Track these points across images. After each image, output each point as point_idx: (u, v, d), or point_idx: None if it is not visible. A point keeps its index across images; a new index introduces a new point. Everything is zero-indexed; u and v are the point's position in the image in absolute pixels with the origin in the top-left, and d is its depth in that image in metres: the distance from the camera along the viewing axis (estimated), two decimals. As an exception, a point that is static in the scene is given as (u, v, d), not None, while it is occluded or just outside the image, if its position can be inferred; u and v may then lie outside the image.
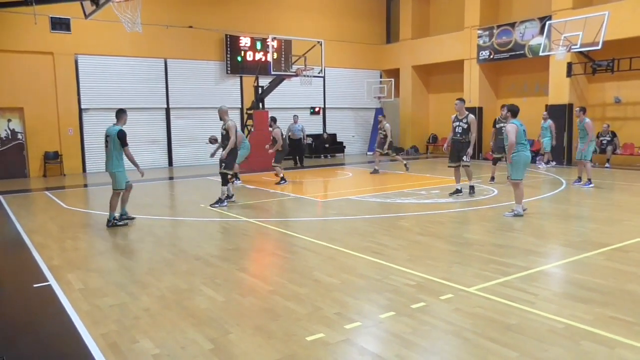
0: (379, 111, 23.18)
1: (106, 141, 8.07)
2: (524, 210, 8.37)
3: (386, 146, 14.57)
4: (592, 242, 6.55)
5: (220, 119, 10.10)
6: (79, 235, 7.65)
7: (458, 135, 10.19)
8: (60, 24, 15.50)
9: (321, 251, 6.35)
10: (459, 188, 10.47)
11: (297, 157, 17.62)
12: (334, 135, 22.21)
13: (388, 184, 12.75)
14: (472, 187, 10.53)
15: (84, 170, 16.90)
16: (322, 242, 6.80)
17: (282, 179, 12.70)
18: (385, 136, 14.53)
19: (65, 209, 9.91)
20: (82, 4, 11.25)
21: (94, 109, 16.89)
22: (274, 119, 13.28)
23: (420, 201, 9.93)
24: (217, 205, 9.62)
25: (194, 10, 18.30)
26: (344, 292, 4.80)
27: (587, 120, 11.49)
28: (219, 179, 14.48)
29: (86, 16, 11.47)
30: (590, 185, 11.43)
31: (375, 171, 14.77)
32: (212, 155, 10.67)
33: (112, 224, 8.04)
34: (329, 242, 6.75)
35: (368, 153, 22.88)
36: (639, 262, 5.62)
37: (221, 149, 9.99)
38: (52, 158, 16.12)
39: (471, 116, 10.12)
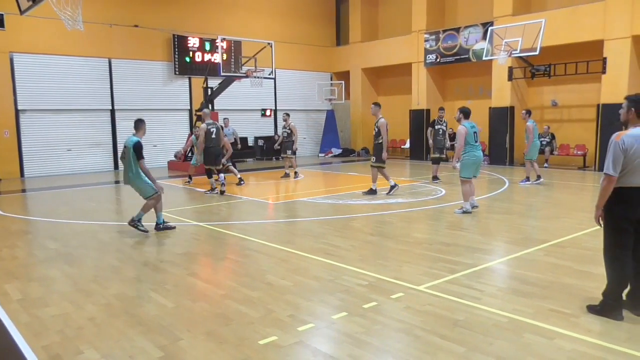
0: (331, 113, 23.37)
1: (123, 152, 7.69)
2: (473, 207, 8.69)
3: (295, 145, 14.29)
4: (532, 239, 6.86)
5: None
6: (18, 243, 7.27)
7: (374, 139, 10.80)
8: (-8, 19, 14.63)
9: (274, 254, 6.33)
10: (392, 184, 10.87)
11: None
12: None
13: (339, 186, 12.87)
14: (372, 190, 10.79)
15: (22, 174, 16.07)
16: (274, 244, 6.77)
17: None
18: (290, 134, 14.14)
19: (1, 216, 9.39)
20: (17, -1, 10.71)
21: (33, 110, 16.11)
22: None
23: (371, 202, 10.07)
24: (208, 193, 11.48)
25: (140, 9, 17.79)
26: (296, 294, 4.81)
27: (528, 123, 12.17)
28: (170, 182, 14.30)
29: (22, 12, 10.94)
30: (527, 182, 12.21)
31: (296, 174, 14.35)
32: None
33: (161, 227, 7.78)
34: (282, 245, 6.74)
35: (319, 155, 23.01)
36: (575, 257, 5.94)
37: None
38: (-14, 162, 15.24)
39: (381, 120, 10.56)
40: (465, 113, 8.78)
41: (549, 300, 4.51)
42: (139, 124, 7.72)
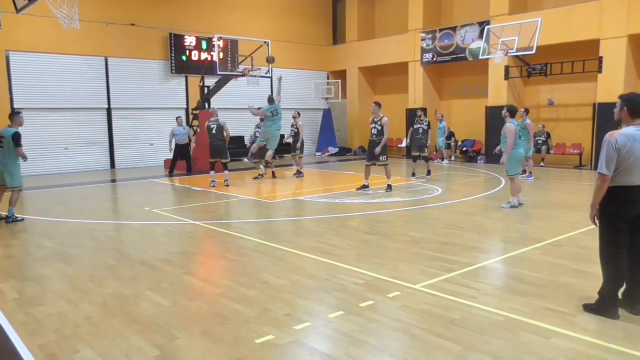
0: (327, 112, 23.36)
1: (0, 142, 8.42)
2: (520, 204, 9.02)
3: (298, 144, 14.35)
4: (529, 238, 6.87)
5: None
6: (13, 242, 7.24)
7: (374, 136, 10.83)
8: (-13, 18, 14.52)
9: (270, 252, 6.33)
10: (366, 184, 11.15)
11: (186, 164, 15.53)
12: (281, 136, 22.09)
13: (336, 184, 12.87)
14: (389, 186, 11.10)
15: (18, 173, 16.00)
16: (271, 243, 6.77)
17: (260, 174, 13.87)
18: (297, 134, 14.33)
19: (-3, 215, 9.34)
20: (13, -3, 10.68)
21: (29, 109, 16.01)
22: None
23: (368, 201, 10.07)
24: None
25: (136, 8, 17.73)
26: (293, 293, 4.81)
27: (528, 121, 12.69)
28: (166, 180, 14.32)
29: (18, 10, 10.91)
30: (531, 178, 12.85)
31: (299, 173, 14.29)
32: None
33: (12, 220, 8.42)
34: (278, 243, 6.73)
35: (316, 154, 23.01)
36: (571, 256, 5.95)
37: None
38: (-19, 160, 15.16)
39: (385, 119, 10.73)
40: (512, 112, 9.03)
41: (545, 299, 4.52)
42: (13, 117, 8.53)
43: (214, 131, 12.40)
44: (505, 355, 3.47)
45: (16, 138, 8.30)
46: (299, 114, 14.83)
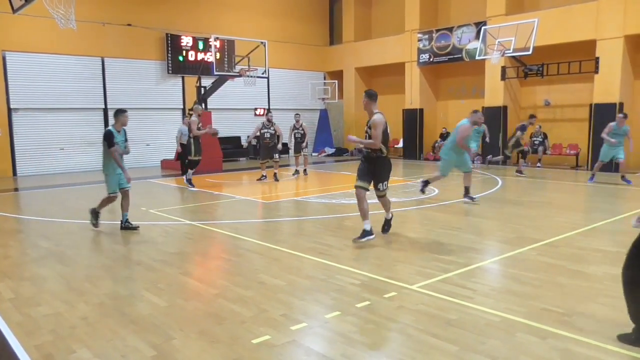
0: (324, 112, 23.38)
1: None
2: None
3: (304, 144, 14.53)
4: (525, 238, 6.89)
5: None
6: (10, 242, 7.22)
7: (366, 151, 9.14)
8: (-16, 18, 14.48)
9: (266, 253, 6.33)
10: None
11: (181, 165, 14.98)
12: (278, 137, 22.09)
13: (332, 185, 12.87)
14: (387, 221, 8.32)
15: (15, 173, 15.96)
16: (267, 243, 6.77)
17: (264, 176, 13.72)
18: (304, 134, 14.51)
19: (-7, 215, 9.32)
20: (9, -3, 10.64)
21: (26, 109, 16.00)
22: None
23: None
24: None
25: (133, 8, 17.71)
26: (289, 293, 4.81)
27: (628, 127, 11.74)
28: (163, 181, 14.32)
29: (14, 10, 10.86)
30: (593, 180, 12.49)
31: (297, 173, 14.56)
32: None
33: (124, 225, 7.77)
34: (275, 244, 6.73)
35: (313, 154, 23.01)
36: (568, 256, 5.97)
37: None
38: (-22, 161, 15.11)
39: (376, 117, 8.40)
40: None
41: (541, 299, 4.53)
42: (115, 115, 7.68)
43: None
44: (501, 356, 3.48)
45: (106, 137, 7.36)
46: (299, 114, 14.96)
